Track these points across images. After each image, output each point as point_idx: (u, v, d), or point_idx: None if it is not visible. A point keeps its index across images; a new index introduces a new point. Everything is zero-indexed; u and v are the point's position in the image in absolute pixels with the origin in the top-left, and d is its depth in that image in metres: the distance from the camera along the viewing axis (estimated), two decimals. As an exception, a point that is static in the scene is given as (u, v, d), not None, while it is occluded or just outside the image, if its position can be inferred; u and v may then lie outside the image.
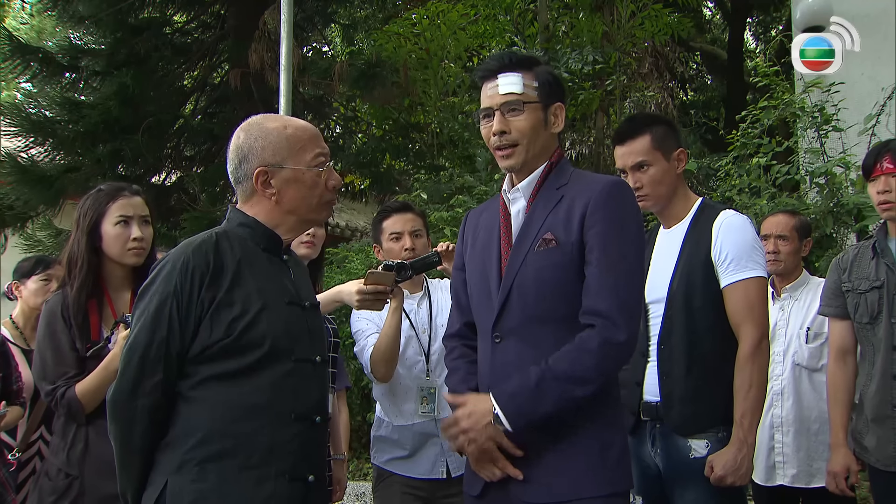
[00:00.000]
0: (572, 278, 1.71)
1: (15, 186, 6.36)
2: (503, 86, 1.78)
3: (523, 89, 1.78)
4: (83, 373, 2.11)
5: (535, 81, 1.79)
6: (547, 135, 1.82)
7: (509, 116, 1.78)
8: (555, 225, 1.74)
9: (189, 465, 1.49)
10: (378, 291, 2.23)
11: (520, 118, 1.77)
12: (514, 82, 1.77)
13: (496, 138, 1.79)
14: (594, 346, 1.64)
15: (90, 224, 2.20)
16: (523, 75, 1.78)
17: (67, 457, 2.09)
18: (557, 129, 1.84)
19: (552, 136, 1.84)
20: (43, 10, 8.26)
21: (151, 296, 1.54)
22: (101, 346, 2.13)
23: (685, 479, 2.07)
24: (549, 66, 1.91)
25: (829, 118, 4.77)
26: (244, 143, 1.64)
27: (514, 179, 1.85)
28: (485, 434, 1.67)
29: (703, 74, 14.43)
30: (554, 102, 1.82)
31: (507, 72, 1.79)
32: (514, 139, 1.78)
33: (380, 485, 2.60)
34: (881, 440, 2.32)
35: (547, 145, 1.83)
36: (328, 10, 8.86)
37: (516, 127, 1.78)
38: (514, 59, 1.82)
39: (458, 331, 1.95)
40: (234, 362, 1.53)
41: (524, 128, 1.77)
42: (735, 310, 2.07)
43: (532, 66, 1.82)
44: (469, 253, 1.94)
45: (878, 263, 2.40)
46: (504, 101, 1.78)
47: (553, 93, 1.82)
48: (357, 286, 2.25)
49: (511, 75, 1.78)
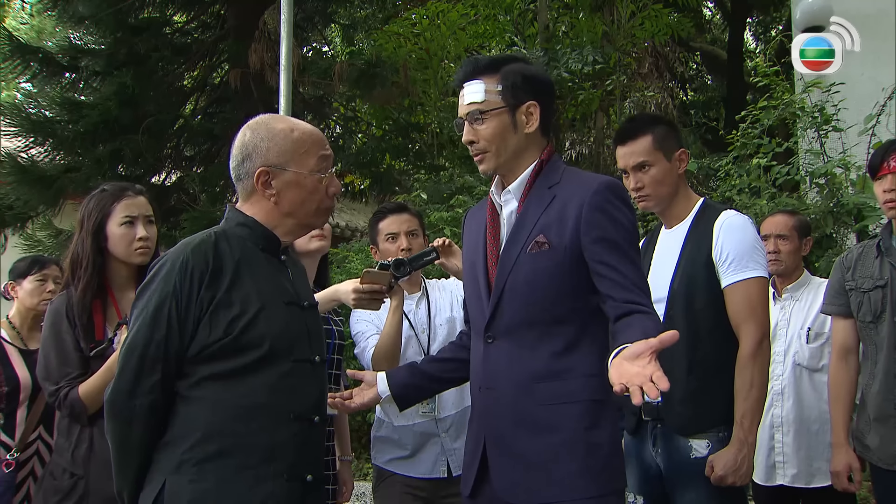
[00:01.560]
0: (564, 281, 1.70)
1: (15, 186, 6.35)
2: (466, 95, 1.79)
3: (484, 96, 1.76)
4: (87, 373, 2.11)
5: (498, 85, 1.76)
6: (520, 136, 1.78)
7: (475, 125, 1.78)
8: (547, 227, 1.72)
9: (187, 465, 1.49)
10: (374, 290, 2.22)
11: (483, 126, 1.77)
12: (475, 91, 1.77)
13: (469, 147, 1.82)
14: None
15: (95, 224, 2.20)
16: (486, 81, 1.77)
17: (72, 457, 2.09)
18: (532, 128, 1.79)
19: (530, 136, 1.79)
20: (43, 10, 8.26)
21: (150, 295, 1.53)
22: (105, 347, 2.13)
23: (686, 479, 2.07)
24: (522, 65, 1.83)
25: (829, 118, 4.77)
26: (250, 141, 1.64)
27: (503, 181, 1.84)
28: None
29: (703, 74, 14.43)
30: (524, 102, 1.78)
31: (471, 79, 1.79)
32: (481, 147, 1.79)
33: (380, 485, 2.60)
34: (884, 439, 2.32)
35: (524, 146, 1.79)
36: (328, 10, 8.86)
37: (482, 135, 1.78)
38: (478, 65, 1.80)
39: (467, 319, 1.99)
40: (233, 362, 1.53)
41: (489, 135, 1.77)
42: (736, 310, 2.07)
43: (499, 68, 1.78)
44: (465, 253, 1.95)
45: (882, 262, 2.39)
46: (467, 110, 1.79)
47: (523, 92, 1.78)
48: (353, 285, 2.24)
49: (473, 83, 1.78)
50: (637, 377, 1.37)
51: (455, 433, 2.48)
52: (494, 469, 1.74)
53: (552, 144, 1.87)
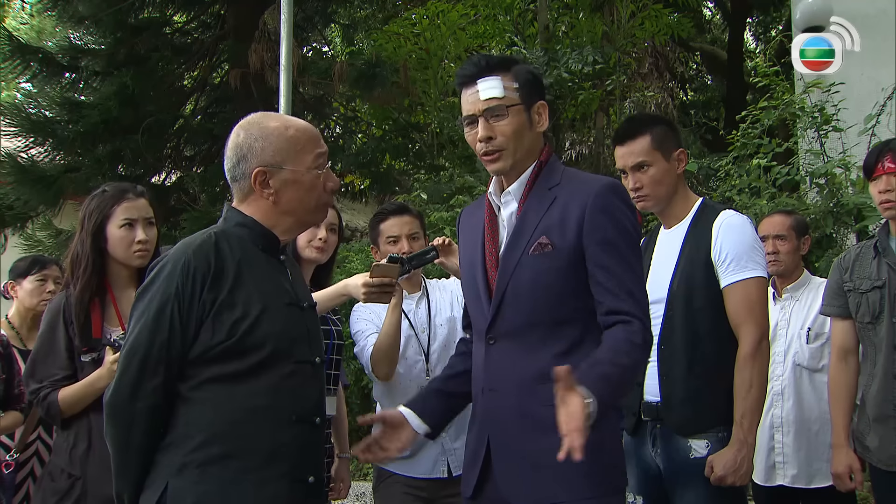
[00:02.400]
0: (567, 282, 1.70)
1: (15, 186, 6.36)
2: (483, 91, 1.74)
3: (504, 92, 1.73)
4: (73, 376, 2.12)
5: (514, 82, 1.75)
6: (533, 135, 1.78)
7: (493, 122, 1.73)
8: (549, 228, 1.72)
9: (191, 467, 1.48)
10: (384, 284, 2.22)
11: (503, 122, 1.73)
12: (493, 86, 1.73)
13: (482, 145, 1.76)
14: (641, 341, 1.64)
15: (95, 226, 2.20)
16: (502, 78, 1.74)
17: (70, 456, 2.10)
18: (542, 127, 1.80)
19: (538, 136, 1.80)
20: (43, 10, 8.24)
21: (152, 297, 1.52)
22: (98, 355, 2.13)
23: (685, 479, 2.07)
24: (527, 65, 1.86)
25: (829, 118, 4.77)
26: (244, 141, 1.63)
27: (503, 183, 1.82)
28: None
29: (703, 74, 14.42)
30: (536, 101, 1.78)
31: (486, 76, 1.74)
32: (500, 144, 1.74)
33: (380, 485, 2.60)
34: (883, 440, 2.32)
35: (533, 146, 1.79)
36: (328, 10, 8.86)
37: (501, 132, 1.74)
38: (491, 61, 1.77)
39: (466, 324, 1.98)
40: (236, 364, 1.52)
41: (509, 132, 1.74)
42: (735, 310, 2.07)
43: (510, 67, 1.78)
44: (461, 252, 1.94)
45: (879, 263, 2.39)
46: (486, 106, 1.73)
47: (534, 91, 1.78)
48: (363, 279, 2.23)
49: (490, 79, 1.74)
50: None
51: (455, 433, 2.48)
52: (499, 470, 1.73)
53: (549, 146, 1.87)
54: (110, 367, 2.05)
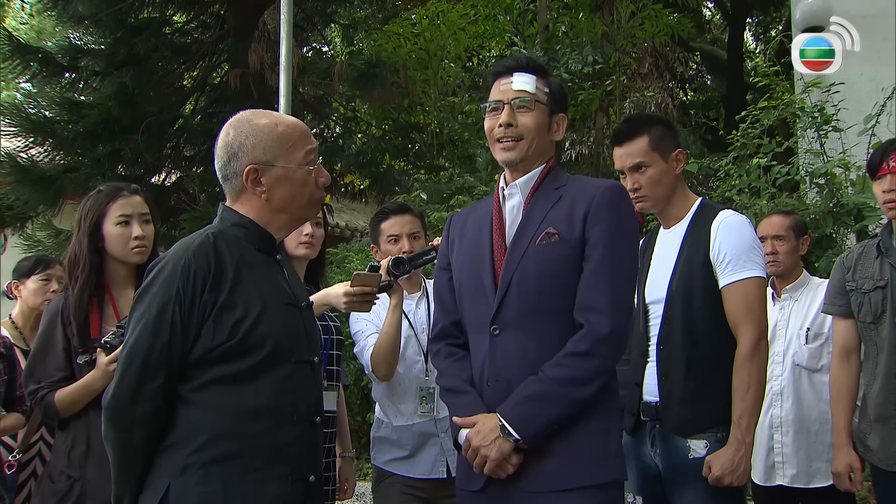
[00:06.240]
0: (573, 271, 1.75)
1: (15, 186, 6.35)
2: (518, 83, 1.86)
3: (536, 90, 1.86)
4: (71, 377, 2.12)
5: (546, 87, 1.89)
6: (548, 139, 1.90)
7: (518, 112, 1.85)
8: (557, 220, 1.79)
9: (193, 468, 1.48)
10: (364, 293, 2.23)
11: (528, 115, 1.85)
12: (528, 82, 1.86)
13: (501, 129, 1.85)
14: (585, 349, 1.70)
15: (91, 225, 2.21)
16: (538, 79, 1.88)
17: (69, 458, 2.10)
18: (558, 137, 1.93)
19: (551, 143, 1.92)
20: (43, 10, 8.24)
21: (151, 299, 1.51)
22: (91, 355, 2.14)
23: (684, 479, 2.07)
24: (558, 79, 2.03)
25: (829, 118, 4.77)
26: (234, 139, 1.62)
27: (508, 177, 1.90)
28: (495, 448, 1.69)
29: (703, 74, 14.43)
30: (559, 112, 1.92)
31: (524, 71, 1.87)
32: (519, 133, 1.85)
33: (380, 485, 2.60)
34: (885, 440, 2.32)
35: (546, 149, 1.90)
36: (328, 10, 8.85)
37: (523, 122, 1.85)
38: (532, 62, 1.91)
39: (442, 330, 1.96)
40: (236, 365, 1.52)
41: (531, 124, 1.85)
42: (733, 310, 2.08)
43: (546, 75, 1.92)
44: (456, 252, 1.96)
45: (882, 263, 2.39)
46: (516, 96, 1.85)
47: (559, 103, 1.92)
48: (343, 288, 2.25)
49: (527, 75, 1.87)
50: None
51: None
52: None
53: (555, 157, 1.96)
54: (105, 369, 2.05)
